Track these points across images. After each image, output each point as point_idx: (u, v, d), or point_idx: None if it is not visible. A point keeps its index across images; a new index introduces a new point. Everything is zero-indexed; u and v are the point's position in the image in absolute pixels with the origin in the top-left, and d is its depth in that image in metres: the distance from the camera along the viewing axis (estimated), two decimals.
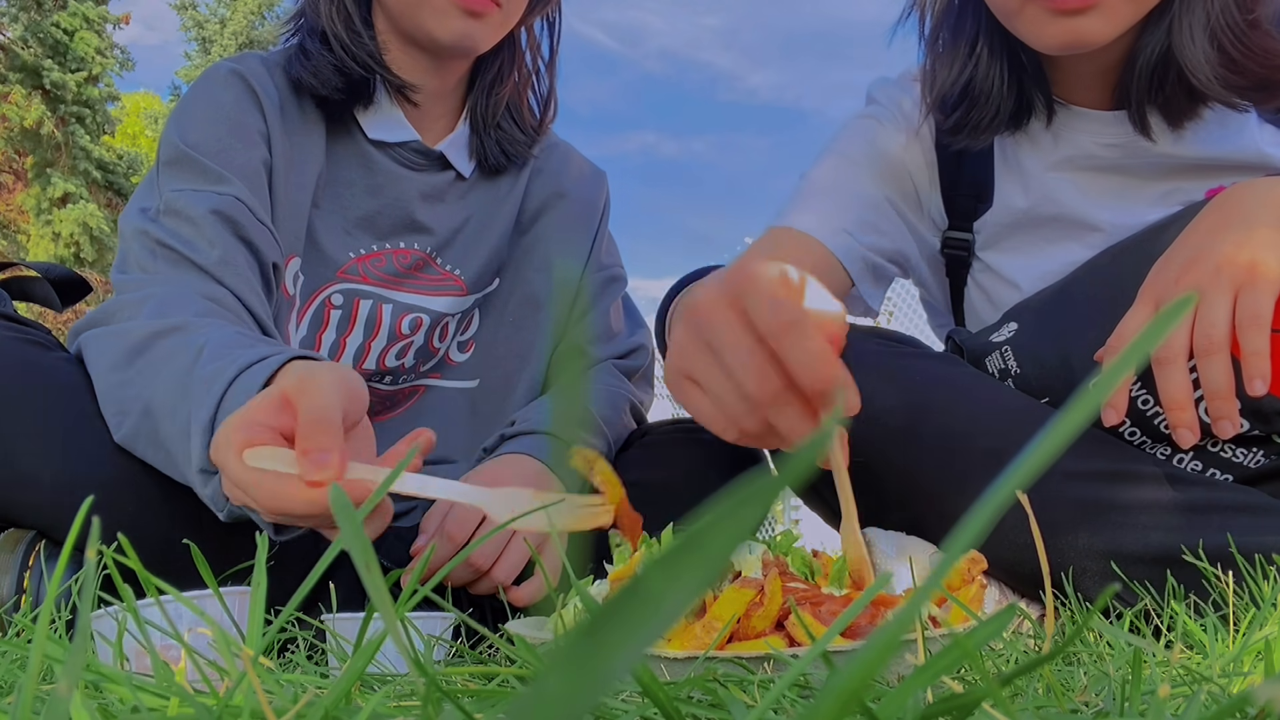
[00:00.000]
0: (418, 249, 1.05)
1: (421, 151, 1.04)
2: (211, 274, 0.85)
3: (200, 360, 0.72)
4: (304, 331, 1.01)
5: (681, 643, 0.48)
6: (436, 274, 1.07)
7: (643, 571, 0.11)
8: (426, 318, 1.06)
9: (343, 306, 1.02)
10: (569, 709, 0.11)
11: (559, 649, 0.11)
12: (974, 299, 1.03)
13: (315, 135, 0.99)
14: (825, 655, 0.26)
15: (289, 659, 0.55)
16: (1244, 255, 0.66)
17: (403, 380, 1.08)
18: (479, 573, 0.82)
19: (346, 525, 0.21)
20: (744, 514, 0.12)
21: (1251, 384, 0.64)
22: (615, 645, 0.11)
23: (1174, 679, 0.36)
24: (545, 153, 1.14)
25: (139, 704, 0.27)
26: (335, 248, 1.00)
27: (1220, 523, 0.73)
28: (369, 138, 1.01)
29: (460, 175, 1.07)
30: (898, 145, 1.01)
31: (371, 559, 0.21)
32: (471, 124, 1.07)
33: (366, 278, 1.02)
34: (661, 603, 0.11)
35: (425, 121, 1.04)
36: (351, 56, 0.96)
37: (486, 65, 1.07)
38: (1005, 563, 0.80)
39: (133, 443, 0.79)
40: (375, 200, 1.02)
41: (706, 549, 0.12)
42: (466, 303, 1.09)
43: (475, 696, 0.32)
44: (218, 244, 0.86)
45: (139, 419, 0.77)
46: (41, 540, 0.84)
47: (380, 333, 1.04)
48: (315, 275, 1.00)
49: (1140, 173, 0.92)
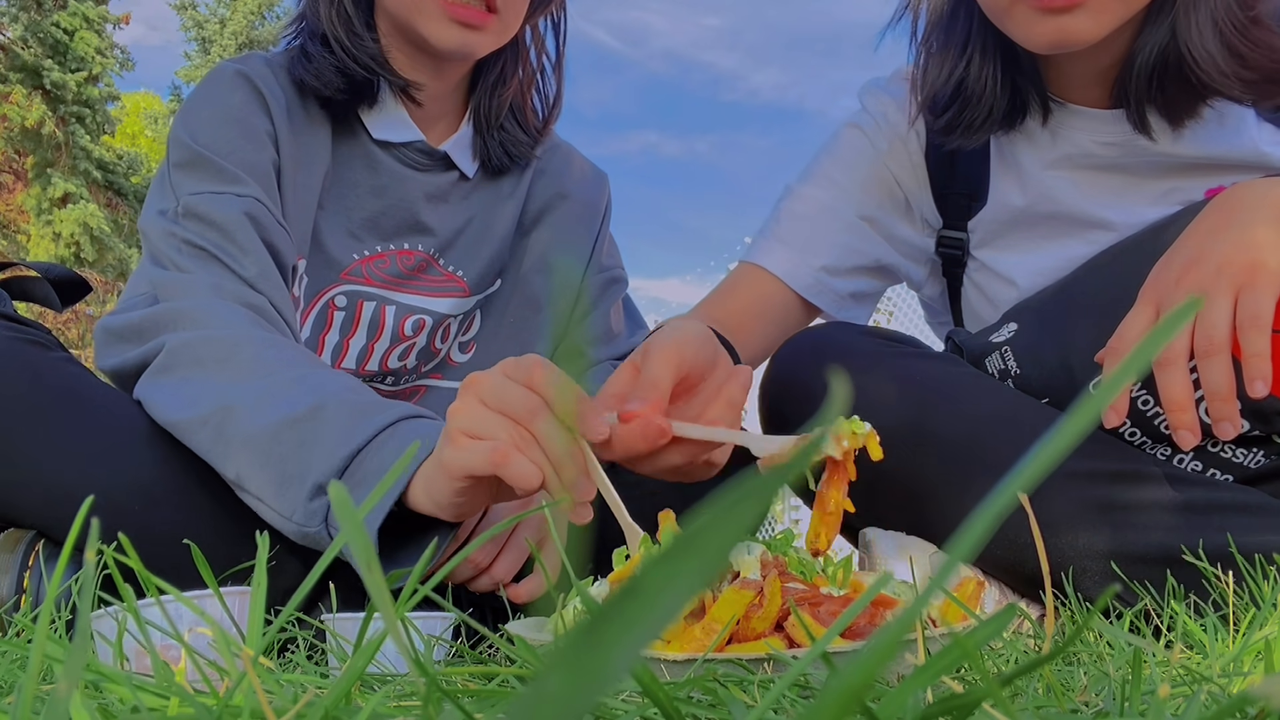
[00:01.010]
0: (421, 250, 1.05)
1: (426, 152, 1.04)
2: (250, 284, 0.86)
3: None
4: (308, 333, 1.01)
5: (681, 644, 0.48)
6: (439, 275, 1.07)
7: (640, 571, 0.11)
8: (429, 319, 1.06)
9: (346, 308, 1.02)
10: (568, 708, 0.11)
11: (558, 649, 0.11)
12: (971, 297, 1.03)
13: (321, 136, 0.99)
14: (825, 656, 0.26)
15: (289, 659, 0.55)
16: (1244, 256, 0.66)
17: (405, 381, 1.08)
18: (478, 569, 0.81)
19: (348, 524, 0.21)
20: (741, 513, 0.12)
21: (1253, 385, 0.64)
22: (613, 644, 0.11)
23: (1174, 679, 0.36)
24: (547, 154, 1.14)
25: (139, 704, 0.27)
26: (339, 249, 1.00)
27: (1220, 523, 0.73)
28: (374, 138, 1.01)
29: (464, 175, 1.07)
30: (881, 154, 1.02)
31: (373, 558, 0.21)
32: (475, 124, 1.07)
33: (370, 279, 1.03)
34: (659, 601, 0.11)
35: (428, 121, 1.04)
36: (352, 58, 0.96)
37: (489, 66, 1.07)
38: (1005, 563, 0.80)
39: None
40: (380, 201, 1.02)
41: (704, 548, 0.12)
42: (469, 304, 1.09)
43: (475, 696, 0.32)
44: (250, 250, 0.86)
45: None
46: (41, 540, 0.84)
47: (384, 335, 1.04)
48: (319, 277, 1.00)
49: (1139, 171, 0.92)
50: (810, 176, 1.05)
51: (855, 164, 1.03)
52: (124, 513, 0.79)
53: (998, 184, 0.98)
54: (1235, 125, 0.89)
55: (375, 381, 1.06)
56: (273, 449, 0.72)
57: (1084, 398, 0.14)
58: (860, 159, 1.03)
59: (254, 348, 0.79)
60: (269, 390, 0.75)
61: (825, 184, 1.03)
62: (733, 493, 0.12)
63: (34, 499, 0.81)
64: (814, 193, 1.03)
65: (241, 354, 0.79)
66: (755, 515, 0.12)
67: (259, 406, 0.74)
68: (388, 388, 1.07)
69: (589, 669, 0.11)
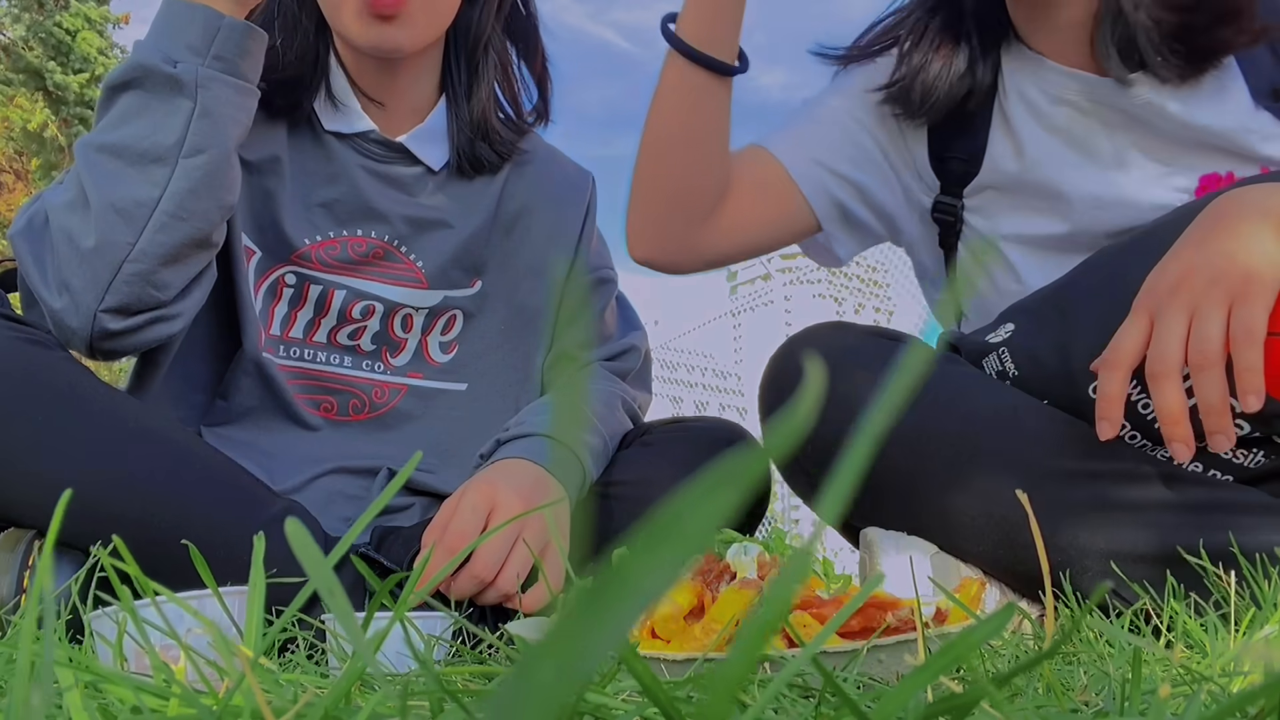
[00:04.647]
0: (375, 237, 1.06)
1: (382, 143, 1.06)
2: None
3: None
4: (260, 303, 1.03)
5: (681, 644, 0.48)
6: (399, 263, 1.07)
7: (622, 554, 0.11)
8: (379, 305, 1.06)
9: (295, 285, 1.04)
10: (554, 692, 0.11)
11: (542, 635, 0.11)
12: (965, 265, 1.04)
13: (278, 124, 1.03)
14: (815, 659, 0.26)
15: (289, 659, 0.55)
16: (1237, 268, 0.66)
17: (368, 367, 1.08)
18: (483, 584, 0.82)
19: (310, 564, 0.21)
20: (720, 497, 0.12)
21: (1245, 400, 0.65)
22: (596, 625, 0.11)
23: (1174, 679, 0.36)
24: (526, 152, 1.14)
25: (140, 704, 0.27)
26: (294, 231, 1.02)
27: (1220, 523, 0.73)
28: (326, 129, 1.05)
29: (429, 169, 1.08)
30: (881, 123, 1.06)
31: (336, 586, 0.21)
32: (452, 120, 1.09)
33: (318, 264, 1.04)
34: (641, 582, 0.11)
35: (395, 116, 1.07)
36: (296, 55, 1.00)
37: (456, 60, 1.09)
38: (1005, 563, 0.80)
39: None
40: (334, 188, 1.04)
41: (684, 530, 0.12)
42: (432, 297, 1.08)
43: (475, 696, 0.32)
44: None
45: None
46: (41, 540, 0.84)
47: (330, 314, 1.05)
48: (271, 254, 1.02)
49: (1137, 144, 0.94)
50: (829, 91, 1.08)
51: (869, 90, 1.06)
52: (123, 512, 0.79)
53: (994, 148, 1.01)
54: (1234, 105, 0.91)
55: (333, 363, 1.06)
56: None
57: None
58: (873, 86, 1.06)
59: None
60: None
61: (842, 98, 1.06)
62: (712, 476, 0.12)
63: (34, 499, 0.81)
64: (828, 103, 1.06)
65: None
66: (734, 500, 0.12)
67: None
68: (349, 371, 1.07)
69: (573, 652, 0.11)
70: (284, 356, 1.04)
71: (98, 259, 0.83)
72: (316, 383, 1.06)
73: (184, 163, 0.85)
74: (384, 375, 1.08)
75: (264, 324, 1.03)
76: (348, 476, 1.01)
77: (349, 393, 1.06)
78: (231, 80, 0.87)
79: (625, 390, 1.10)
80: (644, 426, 1.11)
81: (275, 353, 1.04)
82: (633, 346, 1.15)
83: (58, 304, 0.85)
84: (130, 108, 0.86)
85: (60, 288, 0.85)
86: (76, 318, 0.84)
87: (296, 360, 1.05)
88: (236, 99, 0.88)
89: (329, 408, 1.06)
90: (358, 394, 1.07)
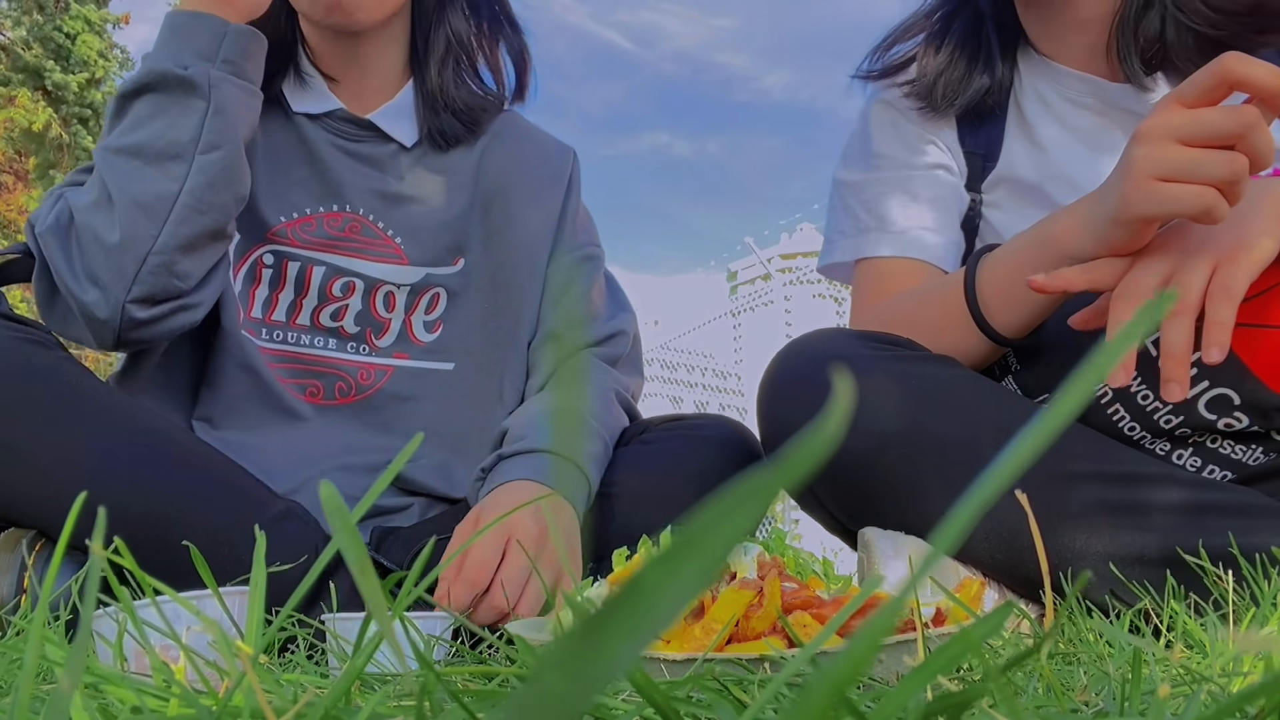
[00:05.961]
0: (349, 212, 1.06)
1: (353, 120, 1.07)
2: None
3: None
4: (239, 287, 1.03)
5: (681, 644, 0.48)
6: (377, 239, 1.07)
7: (640, 571, 0.11)
8: (360, 282, 1.06)
9: (273, 266, 1.05)
10: (565, 706, 0.11)
11: (556, 647, 0.11)
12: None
13: None
14: (812, 657, 0.26)
15: (289, 659, 0.55)
16: (1230, 236, 0.69)
17: (353, 349, 1.07)
18: (503, 614, 0.82)
19: (340, 527, 0.21)
20: (741, 514, 0.12)
21: (1208, 351, 0.67)
22: (612, 643, 0.11)
23: (1174, 679, 0.36)
24: (503, 128, 1.14)
25: (141, 704, 0.27)
26: (268, 211, 1.03)
27: (1220, 523, 0.73)
28: (294, 110, 1.06)
29: (403, 146, 1.09)
30: (915, 121, 1.07)
31: (367, 564, 0.21)
32: (418, 93, 1.09)
33: (294, 241, 1.05)
34: (658, 602, 0.11)
35: (365, 94, 1.08)
36: (267, 38, 1.01)
37: (422, 34, 1.10)
38: (1005, 564, 0.80)
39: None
40: (306, 168, 1.06)
41: (704, 549, 0.12)
42: (415, 274, 1.08)
43: (475, 696, 0.32)
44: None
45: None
46: (42, 540, 0.84)
47: (310, 293, 1.05)
48: (248, 236, 1.03)
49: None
50: (870, 168, 1.09)
51: (897, 128, 1.08)
52: (124, 512, 0.79)
53: (1010, 146, 1.03)
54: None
55: (317, 345, 1.06)
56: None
57: (1094, 355, 0.14)
58: (900, 119, 1.08)
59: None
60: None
61: (888, 167, 1.07)
62: (733, 494, 0.12)
63: (34, 499, 0.81)
64: (883, 182, 1.07)
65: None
66: (755, 517, 0.12)
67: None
68: (334, 353, 1.06)
69: (586, 668, 0.11)
70: (267, 339, 1.04)
71: (123, 253, 0.86)
72: (301, 365, 1.05)
73: (200, 158, 0.88)
74: (369, 357, 1.07)
75: (244, 307, 1.03)
76: (347, 476, 1.01)
77: (334, 375, 1.06)
78: (239, 82, 0.91)
79: (618, 379, 1.09)
80: (643, 424, 1.10)
81: (258, 335, 1.04)
82: (621, 330, 1.13)
83: (89, 297, 0.87)
84: (146, 111, 0.89)
85: (90, 282, 0.87)
86: (106, 309, 0.87)
87: (280, 343, 1.05)
88: (245, 99, 0.92)
89: (315, 391, 1.05)
90: (344, 376, 1.06)
